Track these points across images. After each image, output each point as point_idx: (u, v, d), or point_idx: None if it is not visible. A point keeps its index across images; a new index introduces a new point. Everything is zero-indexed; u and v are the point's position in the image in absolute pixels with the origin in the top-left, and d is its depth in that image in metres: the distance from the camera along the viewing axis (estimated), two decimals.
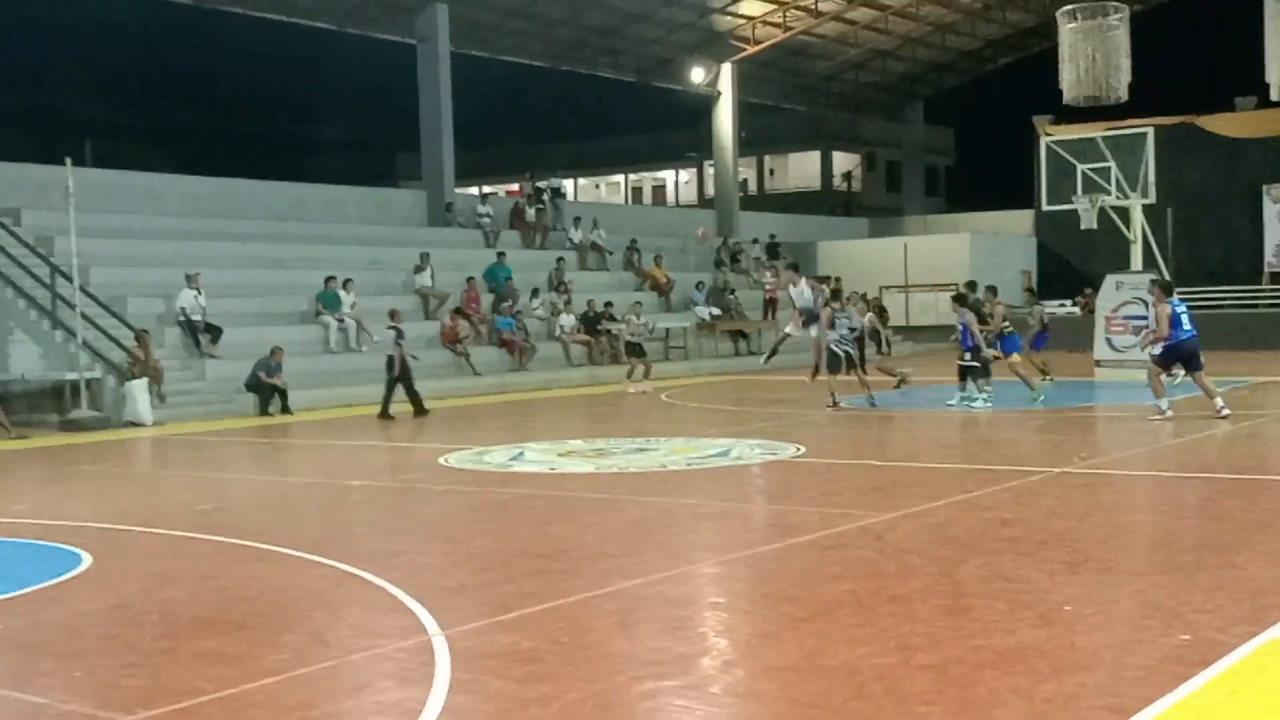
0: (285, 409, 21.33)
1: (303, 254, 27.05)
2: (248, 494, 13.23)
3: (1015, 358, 20.29)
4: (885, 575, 7.80)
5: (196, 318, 22.77)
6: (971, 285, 21.42)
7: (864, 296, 27.49)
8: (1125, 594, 7.26)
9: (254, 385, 21.37)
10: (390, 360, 20.37)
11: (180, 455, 17.29)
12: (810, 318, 20.40)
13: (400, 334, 20.46)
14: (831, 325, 19.45)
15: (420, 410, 20.35)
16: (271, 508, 12.21)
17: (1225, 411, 16.04)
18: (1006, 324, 20.28)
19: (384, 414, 20.08)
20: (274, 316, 24.69)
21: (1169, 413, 16.22)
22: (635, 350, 25.81)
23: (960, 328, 18.81)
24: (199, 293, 22.81)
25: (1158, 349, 16.97)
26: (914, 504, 10.31)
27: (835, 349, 19.35)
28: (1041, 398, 19.03)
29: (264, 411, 21.16)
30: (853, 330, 19.83)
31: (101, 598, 7.95)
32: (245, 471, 15.37)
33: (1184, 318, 16.51)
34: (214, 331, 22.83)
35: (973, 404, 18.60)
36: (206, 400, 21.63)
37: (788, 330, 21.65)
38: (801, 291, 20.83)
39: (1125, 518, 10.14)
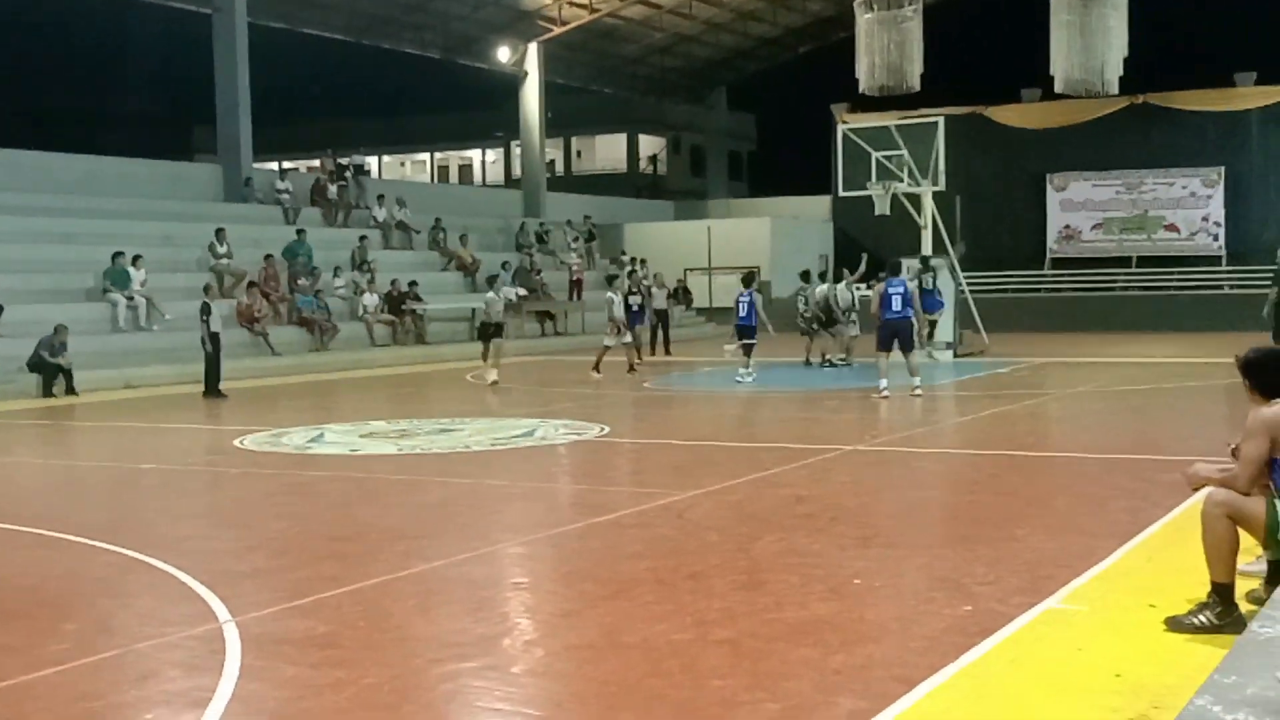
0: (70, 390, 20.44)
1: (92, 229, 25.93)
2: (30, 478, 12.67)
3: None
4: (685, 552, 7.92)
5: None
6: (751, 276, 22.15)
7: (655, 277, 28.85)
8: (912, 567, 7.54)
9: (36, 365, 20.43)
10: (214, 337, 19.83)
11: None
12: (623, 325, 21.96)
13: (207, 310, 19.91)
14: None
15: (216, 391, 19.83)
16: (55, 493, 11.72)
17: (919, 393, 16.96)
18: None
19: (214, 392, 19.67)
20: (59, 294, 23.60)
21: (885, 393, 16.80)
22: (494, 332, 22.00)
23: (746, 306, 20.14)
24: None
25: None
26: (714, 482, 10.50)
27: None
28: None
29: (47, 393, 20.26)
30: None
31: None
32: (27, 455, 14.70)
33: (895, 299, 17.37)
34: None
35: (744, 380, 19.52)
36: None
37: (607, 343, 21.94)
38: (613, 300, 21.69)
39: (913, 494, 10.53)
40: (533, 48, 40.54)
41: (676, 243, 40.59)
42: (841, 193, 27.80)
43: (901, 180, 24.94)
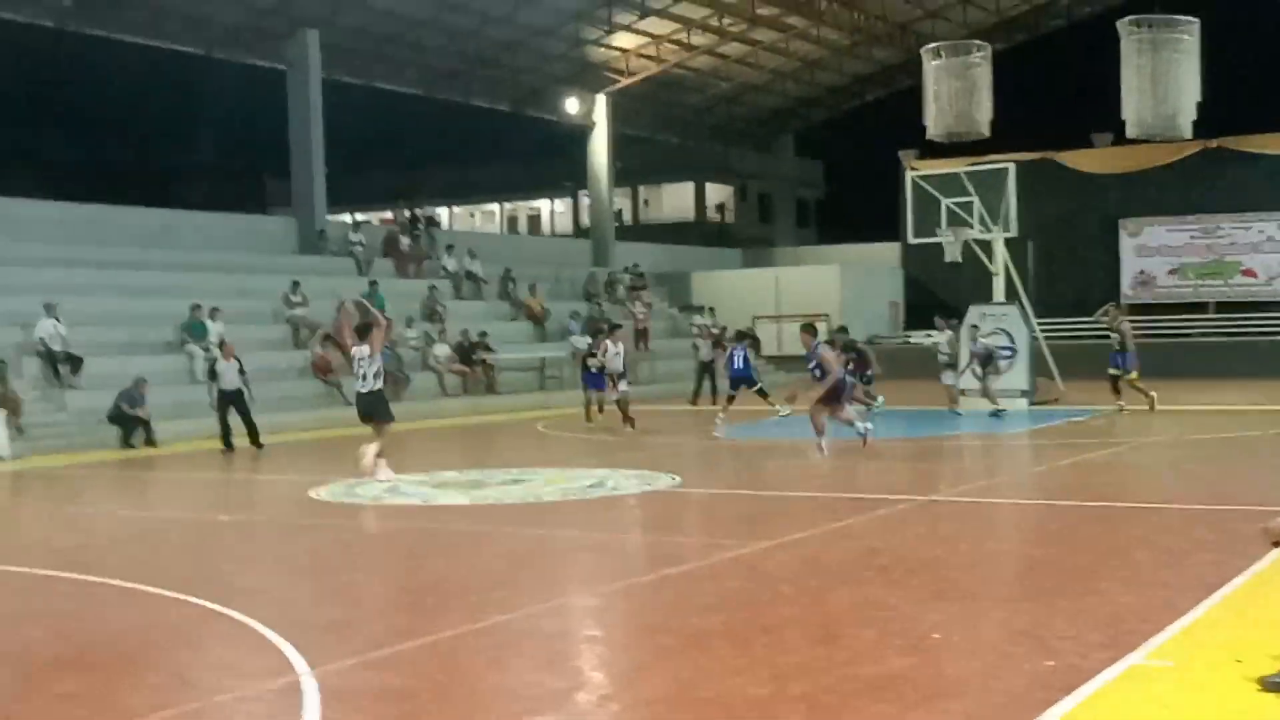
0: (150, 441, 20.78)
1: (169, 282, 26.42)
2: (110, 530, 12.86)
3: (1134, 375, 22.28)
4: (758, 605, 7.87)
5: (56, 347, 22.10)
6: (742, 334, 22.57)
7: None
8: (991, 621, 7.43)
9: (117, 417, 20.79)
10: (238, 392, 20.05)
11: (40, 490, 16.74)
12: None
13: (240, 366, 20.19)
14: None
15: (257, 443, 20.10)
16: (135, 544, 11.88)
17: (826, 454, 16.05)
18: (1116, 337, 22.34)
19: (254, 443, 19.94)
20: (138, 346, 24.05)
21: (825, 452, 16.00)
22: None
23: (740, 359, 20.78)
24: (59, 322, 22.16)
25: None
26: (786, 533, 10.42)
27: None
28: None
29: (127, 444, 20.59)
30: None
31: None
32: (108, 506, 14.93)
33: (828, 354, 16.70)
34: (74, 362, 22.16)
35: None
36: (68, 433, 20.96)
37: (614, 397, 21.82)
38: (616, 353, 21.71)
39: (990, 545, 10.38)
40: (601, 99, 40.91)
41: (744, 291, 40.58)
42: (911, 239, 27.64)
43: (972, 226, 24.78)
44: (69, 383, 22.05)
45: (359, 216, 46.54)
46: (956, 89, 26.14)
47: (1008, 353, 23.61)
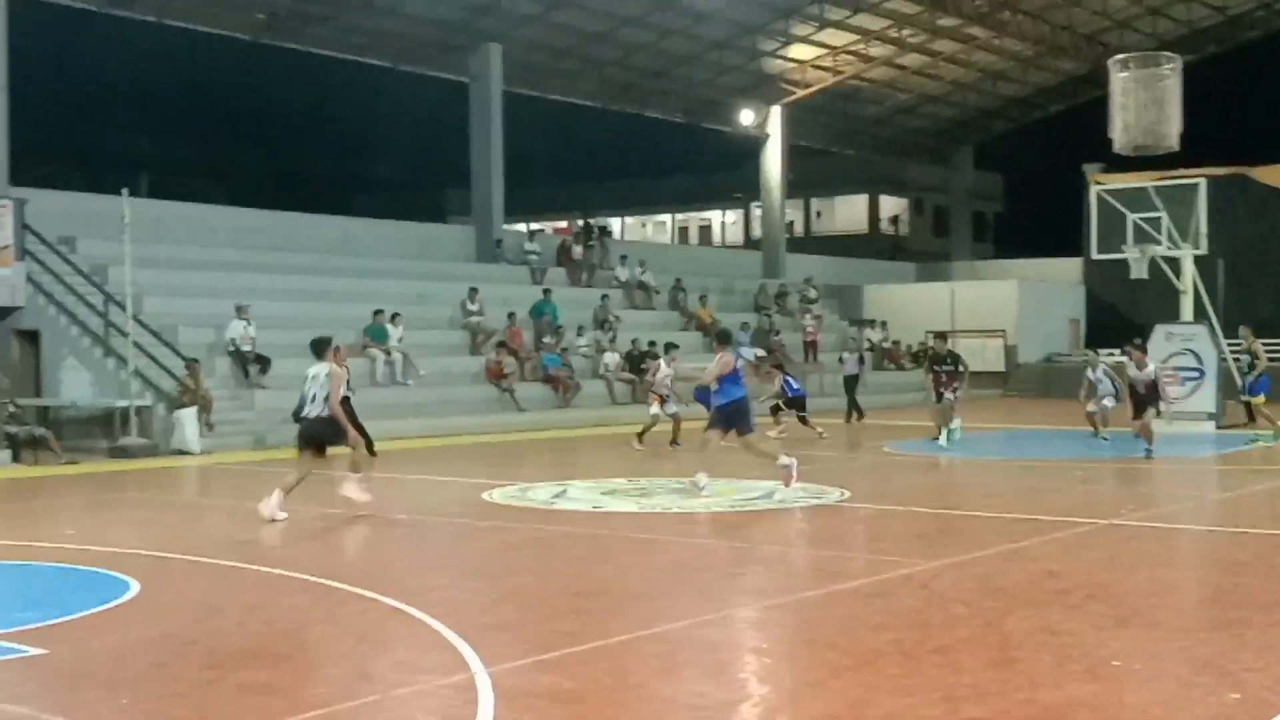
0: None
1: (351, 288, 27.26)
2: (292, 525, 13.29)
3: (1260, 399, 21.55)
4: (930, 625, 7.74)
5: (246, 348, 22.98)
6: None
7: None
8: (1173, 650, 7.18)
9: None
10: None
11: (227, 484, 17.40)
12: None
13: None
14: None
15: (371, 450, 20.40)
16: (316, 540, 12.27)
17: (706, 490, 13.87)
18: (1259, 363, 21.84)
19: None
20: None
21: (705, 490, 13.80)
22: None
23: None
24: (248, 323, 23.04)
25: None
26: (960, 553, 10.24)
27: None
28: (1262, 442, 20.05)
29: None
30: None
31: (149, 626, 8.01)
32: (291, 502, 15.42)
33: (741, 370, 14.39)
34: (263, 362, 23.02)
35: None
36: (254, 429, 21.77)
37: (653, 412, 21.31)
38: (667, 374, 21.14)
39: (1173, 572, 10.04)
40: (775, 110, 40.84)
41: (918, 305, 39.99)
42: (1095, 255, 26.89)
43: (1160, 243, 24.02)
44: (257, 382, 22.89)
45: (534, 226, 47.30)
46: (1145, 101, 25.33)
47: (1194, 374, 22.79)
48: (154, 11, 29.21)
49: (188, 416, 20.57)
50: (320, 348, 12.89)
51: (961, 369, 20.58)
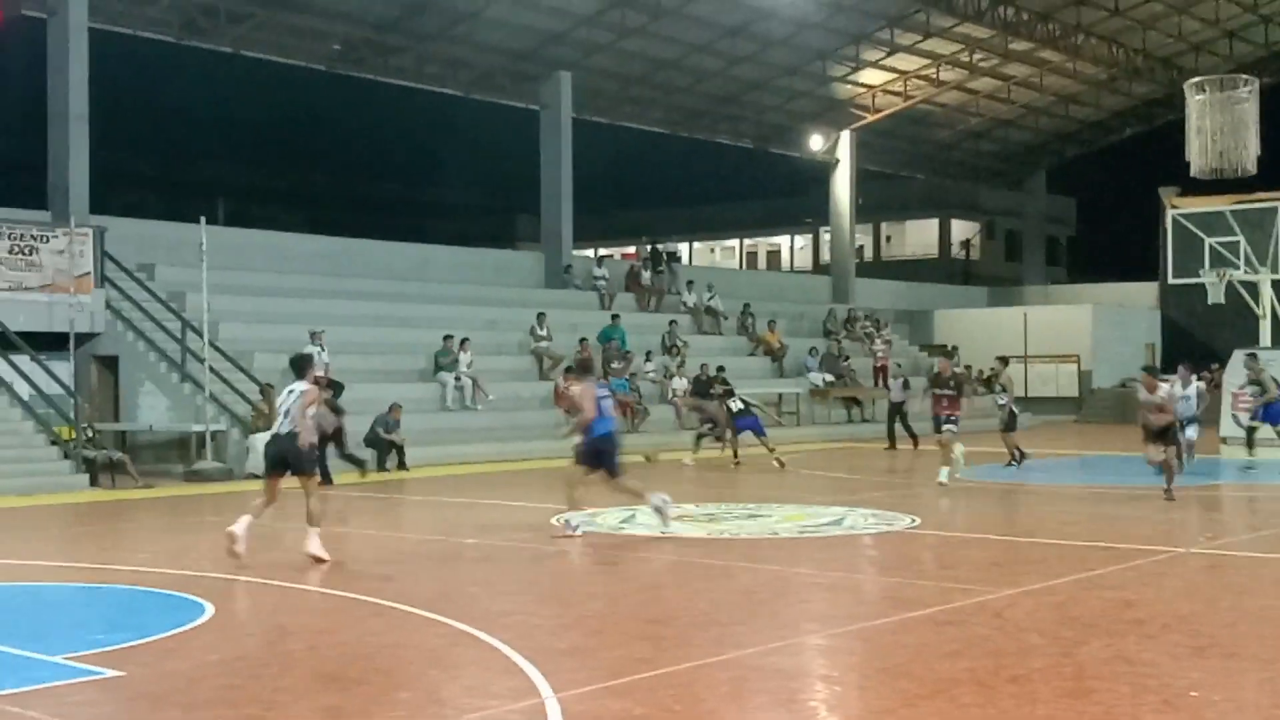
0: (402, 465, 21.65)
1: (423, 313, 27.54)
2: (364, 549, 13.42)
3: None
4: (1005, 654, 7.65)
5: (320, 373, 23.23)
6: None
7: None
8: (1253, 681, 7.04)
9: (372, 441, 21.73)
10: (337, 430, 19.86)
11: (299, 509, 17.53)
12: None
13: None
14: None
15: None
16: (387, 563, 12.35)
17: (581, 527, 13.37)
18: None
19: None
20: (393, 374, 25.11)
21: (578, 530, 13.22)
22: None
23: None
24: (322, 349, 23.30)
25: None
26: (1034, 581, 10.11)
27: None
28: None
29: (381, 467, 21.48)
30: None
31: (223, 648, 8.11)
32: (362, 526, 15.58)
33: (606, 404, 13.39)
34: (336, 387, 23.21)
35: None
36: (327, 455, 21.97)
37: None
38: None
39: (1253, 601, 9.83)
40: (845, 135, 40.75)
41: (990, 330, 39.63)
42: (1171, 280, 26.54)
43: (1238, 267, 23.66)
44: (331, 407, 23.11)
45: (602, 251, 47.52)
46: (1221, 124, 25.03)
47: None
48: (231, 43, 29.77)
49: (262, 441, 20.78)
50: (301, 366, 12.44)
51: (964, 395, 19.33)
